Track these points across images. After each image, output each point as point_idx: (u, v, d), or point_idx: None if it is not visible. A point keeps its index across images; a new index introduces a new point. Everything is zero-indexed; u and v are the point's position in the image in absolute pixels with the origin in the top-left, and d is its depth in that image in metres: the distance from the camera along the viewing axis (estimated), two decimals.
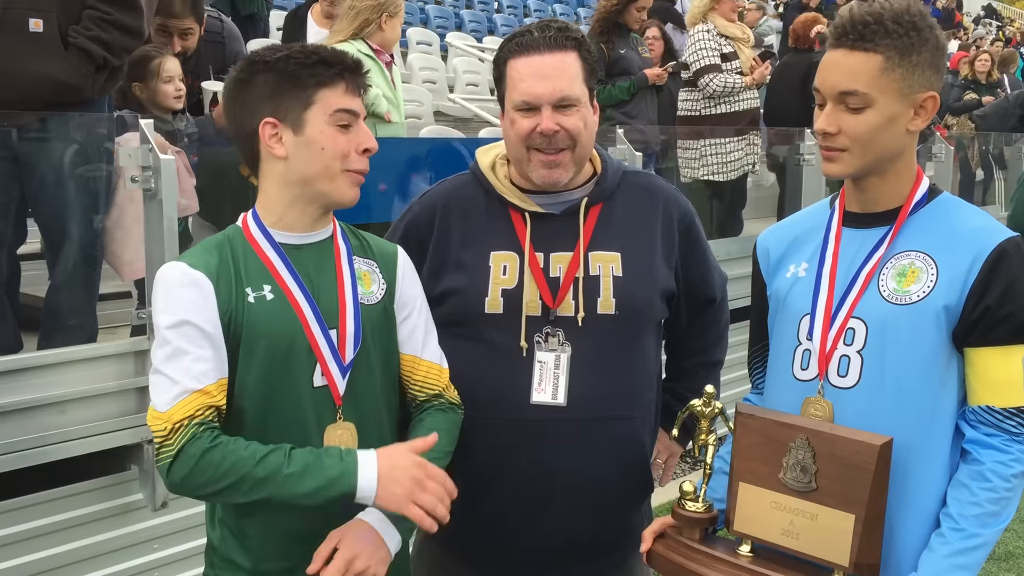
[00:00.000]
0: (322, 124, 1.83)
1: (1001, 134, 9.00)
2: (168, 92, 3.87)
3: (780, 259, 1.99)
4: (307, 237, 1.91)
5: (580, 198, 2.13)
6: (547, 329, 2.08)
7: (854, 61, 1.75)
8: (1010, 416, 1.74)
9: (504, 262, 2.11)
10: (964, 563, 1.70)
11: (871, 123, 1.76)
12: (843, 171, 1.82)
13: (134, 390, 3.21)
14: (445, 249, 2.16)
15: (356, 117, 1.87)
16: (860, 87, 1.74)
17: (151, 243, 3.27)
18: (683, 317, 2.27)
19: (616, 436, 2.11)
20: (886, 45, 1.73)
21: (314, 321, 1.85)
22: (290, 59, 1.84)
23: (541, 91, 2.03)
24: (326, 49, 1.89)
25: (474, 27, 11.55)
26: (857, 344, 1.81)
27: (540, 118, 2.03)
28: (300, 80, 1.83)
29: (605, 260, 2.11)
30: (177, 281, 1.81)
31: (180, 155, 3.59)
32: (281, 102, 1.83)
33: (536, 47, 2.04)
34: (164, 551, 3.32)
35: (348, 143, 1.85)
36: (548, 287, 2.09)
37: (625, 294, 2.10)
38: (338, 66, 1.85)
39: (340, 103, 1.84)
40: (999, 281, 1.73)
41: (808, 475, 1.75)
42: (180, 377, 1.76)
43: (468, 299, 2.11)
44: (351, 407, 1.89)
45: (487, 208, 2.16)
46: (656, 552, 1.93)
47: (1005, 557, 4.51)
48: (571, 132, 2.04)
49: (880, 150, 1.79)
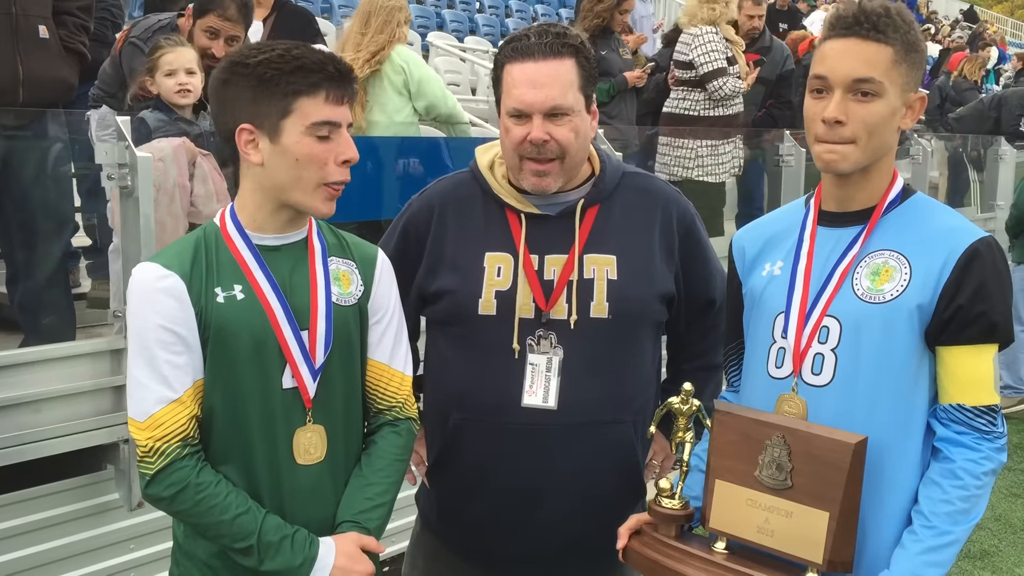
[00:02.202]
0: (298, 134, 1.78)
1: (978, 136, 9.07)
2: (169, 86, 3.63)
3: (756, 257, 2.00)
4: (282, 238, 1.89)
5: (577, 200, 2.13)
6: (540, 332, 2.08)
7: (870, 50, 1.76)
8: (981, 414, 1.76)
9: (498, 263, 2.10)
10: (936, 560, 1.72)
11: (880, 113, 1.77)
12: (847, 166, 1.80)
13: (110, 389, 3.19)
14: (441, 247, 2.16)
15: (337, 127, 1.80)
16: (876, 75, 1.75)
17: (127, 241, 3.25)
18: (683, 320, 2.26)
19: (607, 440, 2.11)
20: (895, 39, 1.76)
21: (285, 322, 1.84)
22: (269, 63, 1.77)
23: (532, 99, 2.01)
24: (311, 54, 1.80)
25: (455, 27, 11.53)
26: (831, 342, 1.82)
27: (531, 126, 2.02)
28: (278, 87, 1.76)
29: (600, 263, 2.10)
30: (151, 282, 1.80)
31: (208, 158, 3.53)
32: (259, 108, 1.78)
33: (531, 54, 2.02)
34: (140, 551, 3.31)
35: (326, 153, 1.80)
36: (542, 289, 2.08)
37: (619, 298, 2.09)
38: (318, 74, 1.78)
39: (319, 114, 1.78)
40: (971, 281, 1.74)
41: (783, 473, 1.76)
42: (155, 384, 1.77)
43: (462, 300, 2.11)
44: (321, 410, 1.89)
45: (484, 208, 2.16)
46: (632, 549, 1.94)
47: (980, 555, 4.56)
48: (561, 142, 2.03)
49: (880, 144, 1.80)
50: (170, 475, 1.77)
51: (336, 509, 1.92)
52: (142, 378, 1.78)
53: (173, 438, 1.77)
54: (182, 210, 3.39)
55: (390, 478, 1.97)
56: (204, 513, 1.78)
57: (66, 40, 3.61)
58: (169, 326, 1.78)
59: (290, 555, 1.80)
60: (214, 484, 1.79)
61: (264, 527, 1.80)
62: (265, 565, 1.79)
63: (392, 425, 2.01)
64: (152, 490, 1.79)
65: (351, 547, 1.86)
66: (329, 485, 1.92)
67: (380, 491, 1.94)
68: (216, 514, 1.78)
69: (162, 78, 3.64)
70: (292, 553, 1.80)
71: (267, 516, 1.82)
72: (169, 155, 3.34)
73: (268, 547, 1.79)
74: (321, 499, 1.90)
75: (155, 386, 1.77)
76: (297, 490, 1.87)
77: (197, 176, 3.45)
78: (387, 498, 1.95)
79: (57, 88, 3.62)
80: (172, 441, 1.77)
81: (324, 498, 1.91)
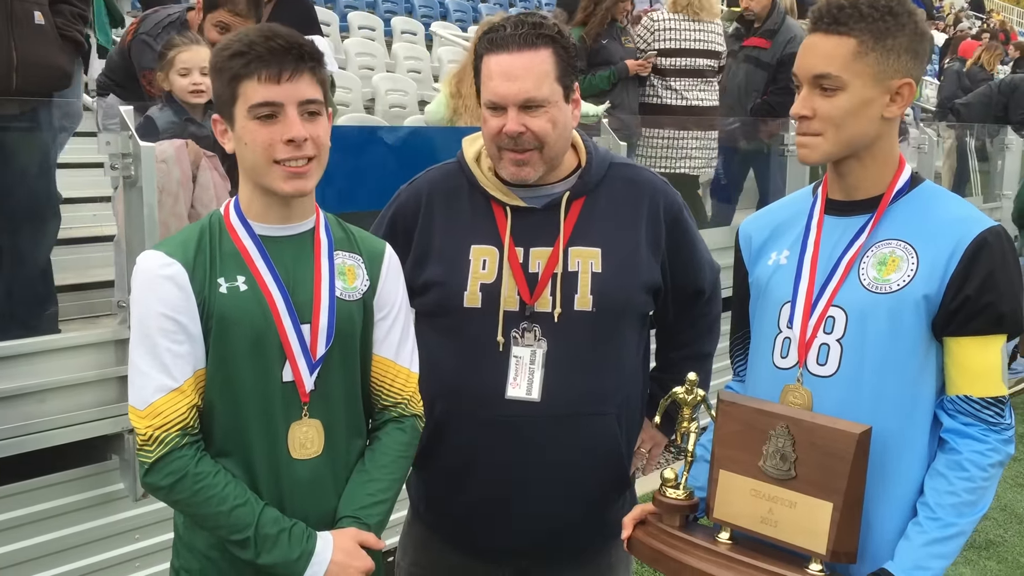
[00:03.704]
0: (243, 119, 1.78)
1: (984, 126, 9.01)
2: (183, 85, 3.60)
3: (762, 246, 1.99)
4: (285, 229, 1.88)
5: (562, 192, 2.12)
6: (524, 325, 2.08)
7: (829, 45, 1.76)
8: (988, 406, 1.75)
9: (483, 256, 2.10)
10: (941, 552, 1.71)
11: (843, 107, 1.76)
12: (816, 157, 1.82)
13: (115, 379, 3.18)
14: (429, 239, 2.16)
15: (280, 107, 1.76)
16: (833, 70, 1.75)
17: (131, 231, 3.25)
18: (671, 310, 2.26)
19: (590, 432, 2.11)
20: (860, 29, 1.74)
21: (286, 315, 1.83)
22: (219, 53, 1.79)
23: (506, 92, 2.01)
24: (244, 36, 1.79)
25: (459, 16, 11.50)
26: (837, 333, 1.81)
27: (507, 118, 2.02)
28: (224, 75, 1.78)
29: (584, 256, 2.10)
30: (154, 270, 1.80)
31: (212, 160, 3.51)
32: (220, 98, 1.82)
33: (506, 45, 2.02)
34: (145, 541, 3.31)
35: (270, 135, 1.77)
36: (526, 282, 2.08)
37: (603, 291, 2.09)
38: (248, 55, 1.75)
39: (256, 95, 1.75)
40: (979, 271, 1.73)
41: (787, 463, 1.75)
42: (156, 373, 1.77)
43: (447, 292, 2.11)
44: (319, 404, 1.88)
45: (470, 200, 2.16)
46: (636, 539, 1.94)
47: (986, 545, 4.56)
48: (537, 134, 2.02)
49: (853, 135, 1.79)
50: (168, 464, 1.77)
51: (337, 504, 1.92)
52: (143, 366, 1.78)
53: (172, 427, 1.77)
54: (185, 211, 3.39)
55: (393, 475, 1.96)
56: (202, 503, 1.78)
57: (62, 28, 3.58)
58: (171, 314, 1.78)
59: (287, 548, 1.80)
60: (212, 474, 1.79)
61: (261, 519, 1.80)
62: (262, 558, 1.79)
63: (397, 422, 2.00)
64: (150, 478, 1.80)
65: (349, 543, 1.85)
66: (329, 480, 1.91)
67: (382, 487, 1.93)
68: (213, 504, 1.78)
69: (176, 77, 3.63)
70: (289, 547, 1.80)
71: (265, 508, 1.81)
72: (172, 156, 3.35)
73: (265, 540, 1.79)
74: (320, 494, 1.90)
75: (155, 374, 1.77)
76: (295, 484, 1.87)
77: (200, 180, 3.45)
78: (389, 495, 1.95)
79: (52, 76, 3.58)
80: (171, 430, 1.77)
81: (324, 493, 1.90)
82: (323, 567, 1.81)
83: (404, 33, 9.77)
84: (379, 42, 9.21)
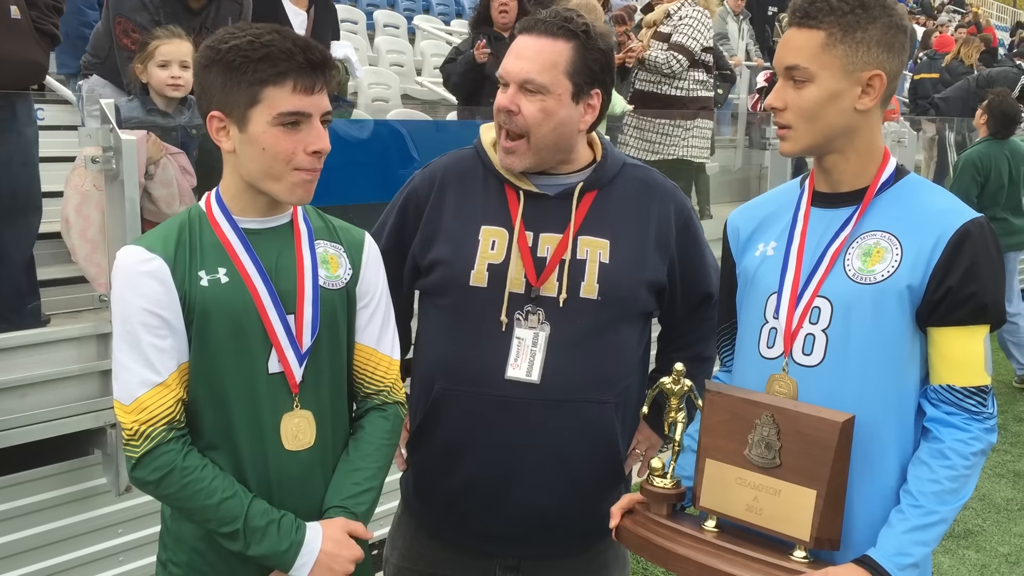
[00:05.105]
0: (265, 124, 1.75)
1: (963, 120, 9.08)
2: (161, 78, 3.58)
3: (749, 238, 2.00)
4: (266, 222, 1.88)
5: (576, 183, 2.14)
6: (528, 307, 2.09)
7: (800, 38, 1.80)
8: (970, 395, 1.77)
9: (493, 237, 2.12)
10: (922, 539, 1.73)
11: (812, 98, 1.79)
12: (792, 148, 1.85)
13: (97, 373, 3.17)
14: (439, 218, 2.17)
15: (307, 117, 1.76)
16: (801, 62, 1.78)
17: (112, 225, 3.23)
18: (679, 312, 2.27)
19: (587, 419, 2.11)
20: (829, 22, 1.77)
21: (271, 305, 1.83)
22: (238, 51, 1.74)
23: (510, 68, 2.06)
24: (280, 41, 1.75)
25: (442, 10, 11.48)
26: (822, 323, 1.82)
27: None
28: (245, 75, 1.73)
29: (593, 245, 2.11)
30: (134, 265, 1.79)
31: (177, 157, 3.49)
32: (228, 96, 1.76)
33: (531, 29, 2.07)
34: (128, 535, 3.30)
35: (294, 144, 1.76)
36: (533, 265, 2.09)
37: (609, 281, 2.10)
38: (286, 63, 1.73)
39: (286, 105, 1.74)
40: (962, 262, 1.74)
41: (772, 451, 1.77)
42: (140, 368, 1.77)
43: (454, 270, 2.12)
44: (309, 394, 1.88)
45: (484, 182, 2.18)
46: (624, 527, 1.95)
47: (965, 535, 4.61)
48: (526, 118, 2.04)
49: (826, 127, 1.81)
50: (156, 459, 1.77)
51: (324, 495, 1.92)
52: (127, 361, 1.78)
53: (159, 421, 1.77)
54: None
55: (378, 463, 1.96)
56: (190, 497, 1.78)
57: (38, 21, 3.54)
58: (153, 309, 1.77)
59: (276, 540, 1.80)
60: (200, 468, 1.79)
61: (250, 511, 1.79)
62: (251, 550, 1.79)
63: (380, 409, 2.01)
64: (138, 473, 1.79)
65: (338, 532, 1.86)
66: (318, 471, 1.91)
67: (368, 476, 1.94)
68: (202, 498, 1.78)
69: (155, 68, 3.60)
70: (278, 538, 1.80)
71: (254, 500, 1.81)
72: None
73: (254, 532, 1.79)
74: (310, 485, 1.90)
75: (139, 369, 1.77)
76: (285, 476, 1.86)
77: (160, 178, 3.42)
78: (375, 483, 1.95)
79: (27, 70, 3.55)
80: (158, 425, 1.77)
81: (313, 484, 1.91)
82: (312, 557, 1.82)
83: (387, 26, 9.75)
84: (362, 35, 9.18)
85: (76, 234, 3.31)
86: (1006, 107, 6.76)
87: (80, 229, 3.30)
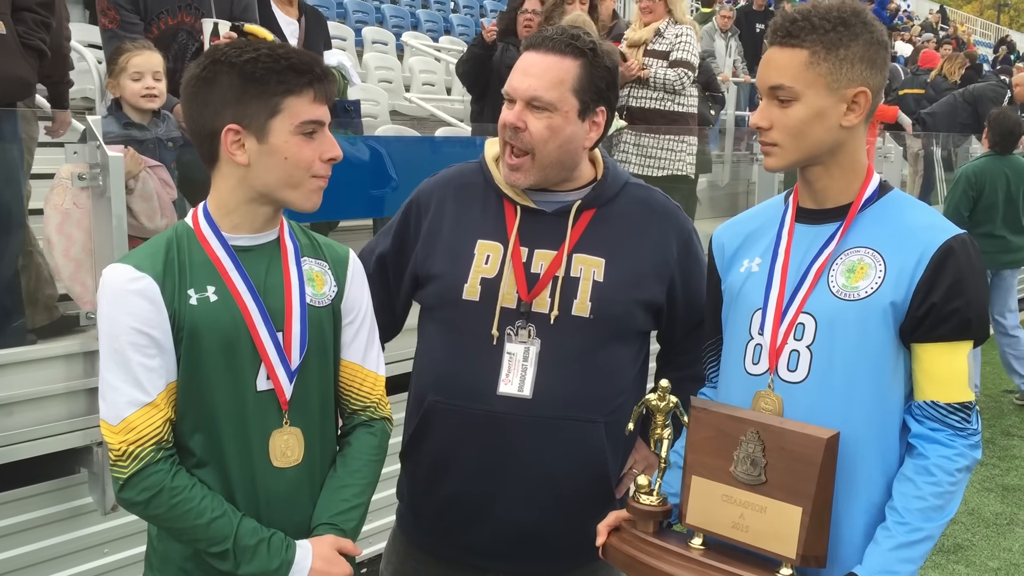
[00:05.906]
0: (287, 134, 1.78)
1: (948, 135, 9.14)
2: (135, 90, 3.59)
3: (735, 254, 2.01)
4: (256, 238, 1.88)
5: (574, 200, 2.15)
6: (519, 322, 2.09)
7: (783, 57, 1.80)
8: (954, 411, 1.77)
9: (488, 251, 2.13)
10: (908, 556, 1.73)
11: (798, 116, 1.80)
12: (778, 165, 1.85)
13: (83, 391, 3.15)
14: (439, 230, 2.19)
15: (322, 126, 1.82)
16: (786, 81, 1.79)
17: (100, 241, 3.22)
18: (678, 332, 2.27)
19: (574, 436, 2.11)
20: (812, 40, 1.78)
21: (261, 323, 1.83)
22: (257, 62, 1.75)
23: (516, 85, 2.07)
24: (296, 54, 1.81)
25: (430, 27, 11.52)
26: (807, 339, 1.83)
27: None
28: (267, 86, 1.75)
29: (588, 263, 2.11)
30: (123, 284, 1.78)
31: (157, 170, 3.48)
32: (246, 108, 1.76)
33: (538, 46, 2.08)
34: (115, 555, 3.28)
35: (313, 152, 1.81)
36: (526, 281, 2.10)
37: (602, 300, 2.10)
38: (308, 75, 1.78)
39: (308, 113, 1.79)
40: (945, 278, 1.75)
41: (758, 468, 1.77)
42: (128, 387, 1.76)
43: (448, 283, 2.13)
44: (298, 412, 1.88)
45: (484, 196, 2.19)
46: (610, 545, 1.95)
47: (954, 549, 4.61)
48: (532, 135, 2.05)
49: (812, 144, 1.82)
50: (144, 479, 1.76)
51: (312, 512, 1.91)
52: (114, 381, 1.76)
53: (147, 442, 1.76)
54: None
55: (365, 479, 1.96)
56: (179, 517, 1.77)
57: (25, 37, 3.50)
58: (142, 328, 1.76)
59: (267, 559, 1.79)
60: (189, 488, 1.78)
61: (240, 531, 1.79)
62: (242, 569, 1.78)
63: (367, 425, 2.01)
64: (126, 494, 1.78)
65: (328, 550, 1.85)
66: (306, 487, 1.91)
67: (356, 492, 1.94)
68: (191, 518, 1.77)
69: (127, 81, 3.60)
70: (269, 557, 1.80)
71: (243, 520, 1.80)
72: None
73: (244, 551, 1.78)
74: (298, 502, 1.90)
75: (128, 389, 1.75)
76: (273, 494, 1.86)
77: (140, 192, 3.41)
78: (363, 499, 1.95)
79: (13, 86, 3.51)
80: (146, 445, 1.76)
81: (301, 501, 1.90)
82: (303, 575, 1.81)
83: (375, 43, 9.76)
84: (350, 52, 9.20)
85: (59, 253, 3.29)
86: (1007, 122, 6.73)
87: (63, 248, 3.28)
